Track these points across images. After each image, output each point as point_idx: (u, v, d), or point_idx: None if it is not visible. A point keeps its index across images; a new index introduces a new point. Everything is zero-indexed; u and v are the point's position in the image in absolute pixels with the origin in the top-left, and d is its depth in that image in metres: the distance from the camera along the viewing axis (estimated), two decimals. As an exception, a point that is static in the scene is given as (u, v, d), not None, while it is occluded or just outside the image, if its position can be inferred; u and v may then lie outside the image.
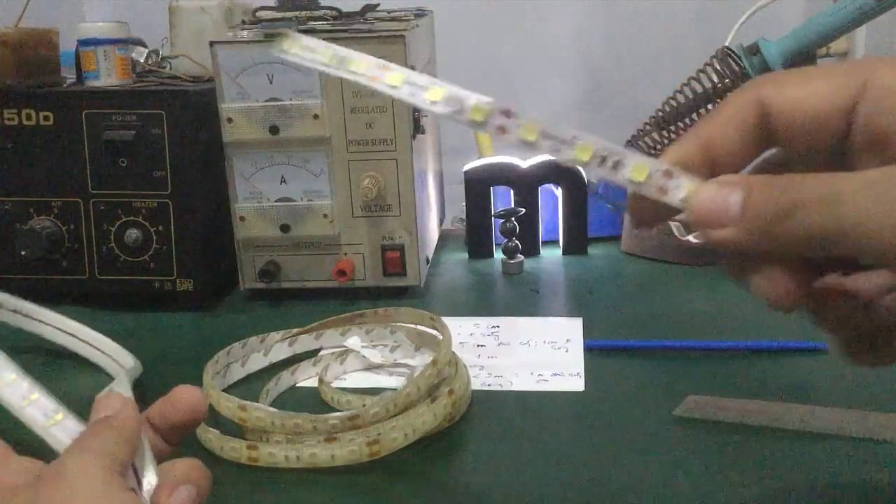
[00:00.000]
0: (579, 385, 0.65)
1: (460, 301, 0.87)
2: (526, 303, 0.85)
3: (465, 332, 0.76)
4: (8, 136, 0.81)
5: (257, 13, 0.90)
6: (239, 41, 0.79)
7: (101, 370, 0.69)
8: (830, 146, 0.34)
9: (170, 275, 0.82)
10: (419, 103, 0.37)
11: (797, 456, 0.54)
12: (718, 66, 0.87)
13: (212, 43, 0.78)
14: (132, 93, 0.82)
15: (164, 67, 0.93)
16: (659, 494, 0.50)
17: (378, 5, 0.95)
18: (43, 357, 0.71)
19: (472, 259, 0.99)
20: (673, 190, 0.34)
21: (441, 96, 0.37)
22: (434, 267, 0.96)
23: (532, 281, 0.91)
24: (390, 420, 0.55)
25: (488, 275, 0.94)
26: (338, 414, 0.56)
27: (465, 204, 0.98)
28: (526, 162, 0.97)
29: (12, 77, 0.82)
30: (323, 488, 0.52)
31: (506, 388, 0.65)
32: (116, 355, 0.68)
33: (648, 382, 0.66)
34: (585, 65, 1.46)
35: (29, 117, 0.81)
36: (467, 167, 0.98)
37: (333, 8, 0.90)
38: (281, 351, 0.70)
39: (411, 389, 0.57)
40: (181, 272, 0.82)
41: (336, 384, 0.66)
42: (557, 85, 1.46)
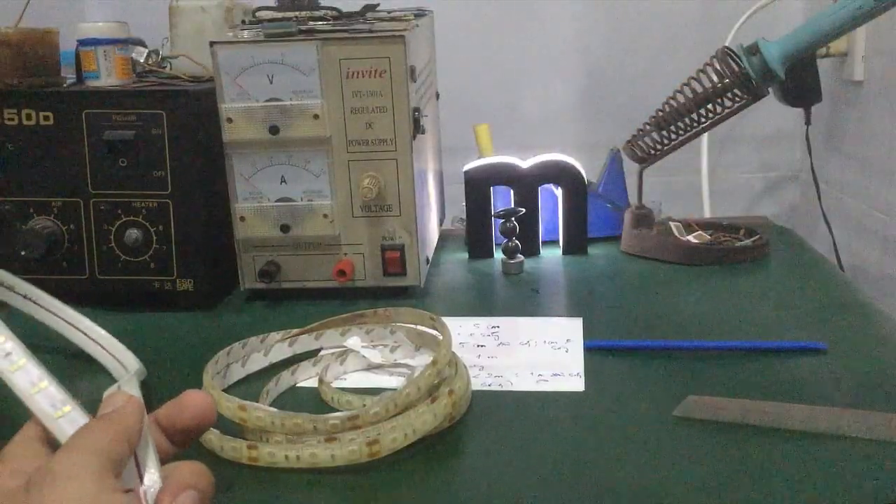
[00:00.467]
0: (579, 385, 0.65)
1: (460, 301, 0.87)
2: (526, 303, 0.85)
3: (465, 332, 0.76)
4: (8, 136, 0.82)
5: (257, 13, 0.90)
6: (239, 41, 0.79)
7: (103, 370, 0.69)
8: None
9: (170, 275, 0.82)
10: None
11: (797, 456, 0.54)
12: (718, 66, 0.87)
13: (212, 43, 0.78)
14: (132, 93, 0.82)
15: (164, 67, 0.93)
16: (659, 494, 0.50)
17: (378, 5, 0.95)
18: (45, 353, 0.71)
19: (472, 259, 0.99)
20: None
21: None
22: (434, 267, 0.96)
23: (532, 281, 0.91)
24: (390, 420, 0.55)
25: (488, 275, 0.94)
26: (338, 414, 0.56)
27: (465, 204, 0.98)
28: (526, 162, 0.97)
29: (12, 77, 0.82)
30: (323, 488, 0.52)
31: (506, 389, 0.65)
32: (122, 357, 0.68)
33: (648, 382, 0.66)
34: (585, 65, 1.46)
35: (29, 117, 0.81)
36: (467, 167, 0.98)
37: (333, 8, 0.90)
38: (281, 351, 0.70)
39: (411, 389, 0.57)
40: (181, 272, 0.82)
41: (336, 384, 0.66)
42: (557, 85, 1.46)
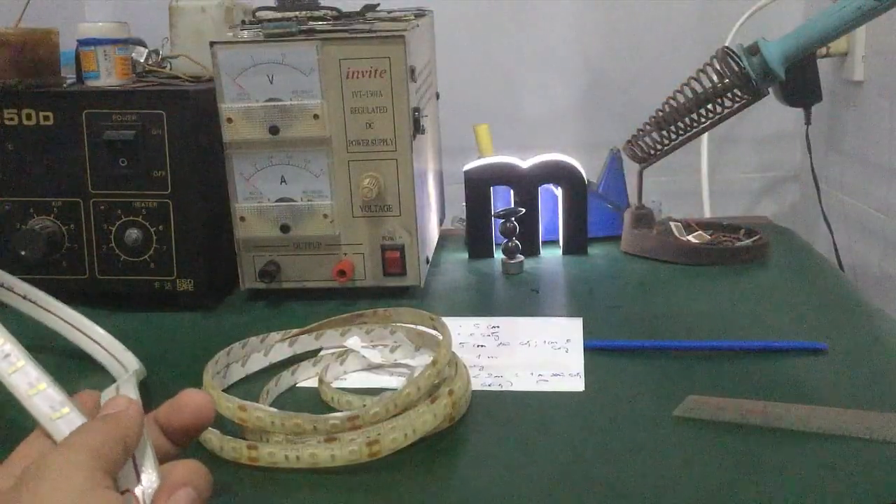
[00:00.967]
0: (579, 385, 0.65)
1: (460, 301, 0.87)
2: (526, 303, 0.85)
3: (465, 332, 0.76)
4: (8, 136, 0.82)
5: (257, 13, 0.90)
6: (239, 41, 0.79)
7: (103, 370, 0.69)
8: None
9: (170, 275, 0.82)
10: None
11: (797, 456, 0.54)
12: (718, 66, 0.87)
13: (212, 43, 0.78)
14: (132, 93, 0.82)
15: (164, 67, 0.93)
16: (659, 494, 0.50)
17: (378, 5, 0.95)
18: (44, 353, 0.71)
19: (472, 259, 0.99)
20: None
21: None
22: (434, 267, 0.96)
23: (532, 281, 0.91)
24: (390, 420, 0.55)
25: (488, 275, 0.94)
26: (338, 414, 0.56)
27: (465, 204, 0.98)
28: (526, 162, 0.97)
29: (12, 77, 0.82)
30: (323, 488, 0.52)
31: (506, 389, 0.65)
32: (121, 357, 0.68)
33: (648, 382, 0.66)
34: (585, 65, 1.46)
35: (29, 117, 0.81)
36: (467, 167, 0.98)
37: (333, 8, 0.90)
38: (281, 351, 0.70)
39: (411, 389, 0.57)
40: (181, 272, 0.82)
41: (336, 384, 0.66)
42: (557, 85, 1.46)
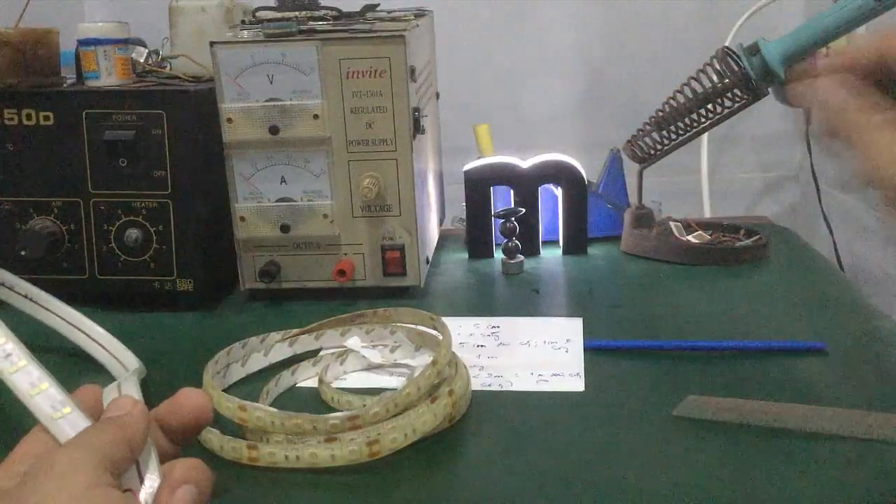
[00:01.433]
0: (579, 385, 0.65)
1: (460, 301, 0.87)
2: (526, 303, 0.85)
3: (465, 332, 0.76)
4: (8, 136, 0.82)
5: (257, 13, 0.90)
6: (239, 41, 0.79)
7: (103, 370, 0.68)
8: None
9: (170, 275, 0.82)
10: None
11: (797, 456, 0.54)
12: (718, 66, 0.87)
13: (212, 43, 0.78)
14: (132, 93, 0.82)
15: (164, 67, 0.93)
16: (659, 494, 0.50)
17: (378, 5, 0.95)
18: (45, 353, 0.71)
19: (472, 259, 0.99)
20: None
21: None
22: (434, 267, 0.96)
23: (532, 281, 0.91)
24: (390, 420, 0.55)
25: (488, 275, 0.94)
26: (338, 414, 0.56)
27: (465, 204, 0.98)
28: (526, 162, 0.97)
29: (12, 77, 0.82)
30: (323, 488, 0.52)
31: (506, 389, 0.65)
32: (122, 356, 0.68)
33: (648, 382, 0.66)
34: (585, 65, 1.46)
35: (29, 117, 0.81)
36: (467, 167, 0.98)
37: (333, 8, 0.90)
38: (281, 351, 0.70)
39: (411, 389, 0.57)
40: (181, 272, 0.82)
41: (336, 384, 0.66)
42: (557, 85, 1.46)
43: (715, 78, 0.87)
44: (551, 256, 0.99)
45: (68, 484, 0.35)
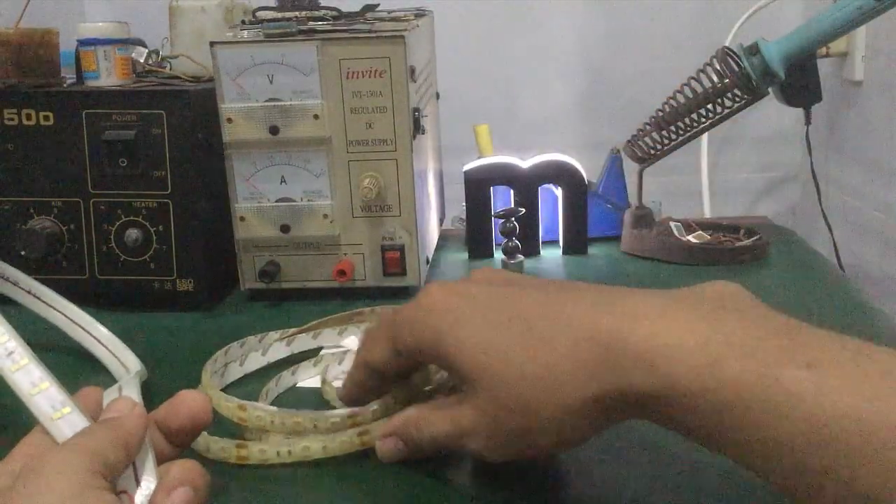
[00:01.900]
0: (579, 385, 0.65)
1: (460, 301, 0.86)
2: (526, 303, 0.85)
3: (465, 332, 0.76)
4: (8, 136, 0.82)
5: (257, 13, 0.90)
6: (239, 41, 0.79)
7: (104, 370, 0.68)
8: None
9: (170, 275, 0.82)
10: None
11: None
12: (718, 66, 0.87)
13: (212, 43, 0.78)
14: (132, 93, 0.82)
15: (164, 67, 0.93)
16: (659, 494, 0.50)
17: (378, 5, 0.95)
18: (46, 351, 0.71)
19: (472, 259, 0.99)
20: None
21: None
22: (434, 267, 0.96)
23: (532, 281, 0.91)
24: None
25: (488, 275, 0.93)
26: (338, 412, 0.56)
27: (465, 204, 0.98)
28: (526, 162, 0.97)
29: (12, 77, 0.82)
30: (321, 487, 0.52)
31: (506, 388, 0.65)
32: (123, 357, 0.68)
33: (648, 382, 0.65)
34: (585, 65, 1.46)
35: (29, 117, 0.81)
36: (467, 167, 0.98)
37: (333, 8, 0.90)
38: (279, 350, 0.70)
39: (410, 387, 0.57)
40: (181, 272, 0.82)
41: (336, 384, 0.66)
42: (557, 85, 1.47)
43: (715, 78, 0.87)
44: (551, 256, 0.99)
45: (58, 485, 0.35)
